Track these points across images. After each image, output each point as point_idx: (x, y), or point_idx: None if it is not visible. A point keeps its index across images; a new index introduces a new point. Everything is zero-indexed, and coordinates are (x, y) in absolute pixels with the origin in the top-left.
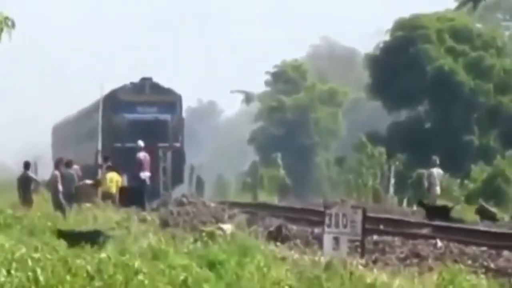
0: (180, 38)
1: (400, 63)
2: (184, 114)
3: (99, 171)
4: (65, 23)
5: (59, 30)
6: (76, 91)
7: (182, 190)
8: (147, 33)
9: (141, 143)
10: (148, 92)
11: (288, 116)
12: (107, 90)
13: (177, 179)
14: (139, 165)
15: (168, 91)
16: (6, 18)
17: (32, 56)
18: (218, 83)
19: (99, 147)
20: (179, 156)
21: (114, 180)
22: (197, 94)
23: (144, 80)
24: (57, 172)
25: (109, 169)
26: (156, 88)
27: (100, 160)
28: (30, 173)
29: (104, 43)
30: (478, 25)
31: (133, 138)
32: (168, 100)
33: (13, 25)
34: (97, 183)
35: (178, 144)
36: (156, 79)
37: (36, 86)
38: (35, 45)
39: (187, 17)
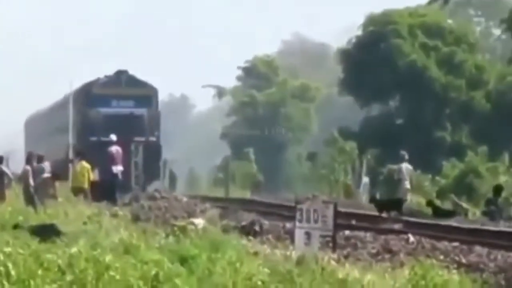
0: (151, 30)
1: (372, 59)
2: None
3: (70, 166)
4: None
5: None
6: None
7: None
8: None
9: (113, 137)
10: (124, 85)
11: (260, 111)
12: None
13: (153, 174)
14: (111, 159)
15: (144, 84)
16: None
17: (17, 54)
18: (189, 77)
19: (70, 141)
20: (155, 151)
21: (85, 174)
22: (169, 88)
23: (119, 72)
24: (28, 167)
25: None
26: (132, 81)
27: (71, 155)
28: (4, 168)
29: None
30: (450, 21)
31: (108, 132)
32: (144, 94)
33: None
34: (55, 176)
35: (154, 139)
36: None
37: (22, 83)
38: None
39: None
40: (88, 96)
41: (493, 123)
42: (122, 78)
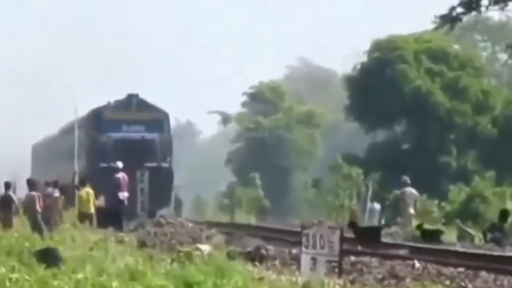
0: (156, 55)
1: (377, 84)
2: None
3: (76, 192)
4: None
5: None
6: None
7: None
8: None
9: (119, 164)
10: (135, 109)
11: (266, 137)
12: (84, 107)
13: (164, 201)
14: (117, 186)
15: (156, 109)
16: None
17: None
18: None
19: (76, 167)
20: (167, 177)
21: (90, 199)
22: (174, 113)
23: (130, 97)
24: (35, 193)
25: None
26: (143, 105)
27: (77, 181)
28: (11, 194)
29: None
30: (456, 46)
31: (119, 158)
32: (156, 118)
33: None
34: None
35: (166, 165)
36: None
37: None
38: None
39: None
40: (98, 120)
41: (499, 148)
42: (132, 102)
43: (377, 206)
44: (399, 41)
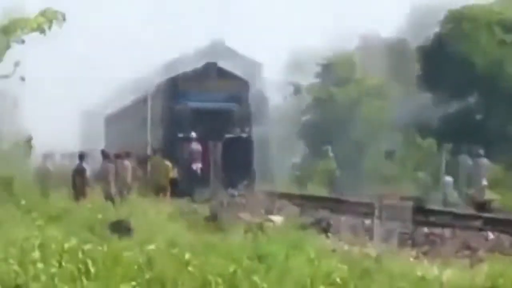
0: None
1: (450, 55)
2: None
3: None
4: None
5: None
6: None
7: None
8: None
9: (193, 134)
10: (213, 78)
11: (338, 108)
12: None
13: (246, 173)
14: (192, 156)
15: (235, 77)
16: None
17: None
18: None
19: (148, 138)
20: (247, 148)
21: (165, 171)
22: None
23: (208, 65)
24: (108, 164)
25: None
26: (222, 73)
27: (149, 152)
28: (85, 165)
29: None
30: None
31: (196, 128)
32: (235, 87)
33: (64, 18)
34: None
35: (245, 135)
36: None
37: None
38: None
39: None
40: (175, 89)
41: None
42: (211, 70)
43: (449, 179)
44: (473, 12)
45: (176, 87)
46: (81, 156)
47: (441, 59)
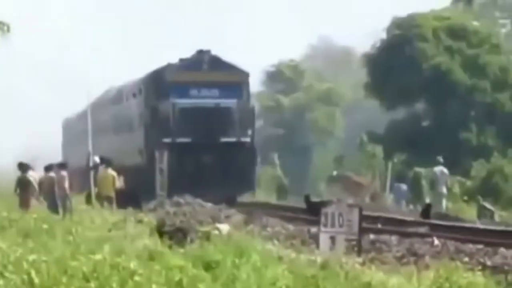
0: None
1: (397, 62)
2: None
3: (91, 174)
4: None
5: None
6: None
7: None
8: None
9: (96, 159)
10: (206, 69)
11: (286, 116)
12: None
13: (247, 184)
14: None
15: (233, 68)
16: (1, 23)
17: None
18: None
19: (90, 148)
20: (249, 156)
21: (112, 181)
22: None
23: (200, 53)
24: (51, 174)
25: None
26: (217, 63)
27: (92, 162)
28: (29, 175)
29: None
30: (475, 23)
31: (186, 130)
32: (233, 80)
33: (8, 29)
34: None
35: (247, 139)
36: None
37: (40, 87)
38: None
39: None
40: (160, 84)
41: None
42: (204, 60)
43: (404, 187)
44: (419, 19)
45: (160, 82)
46: (21, 167)
47: (388, 66)
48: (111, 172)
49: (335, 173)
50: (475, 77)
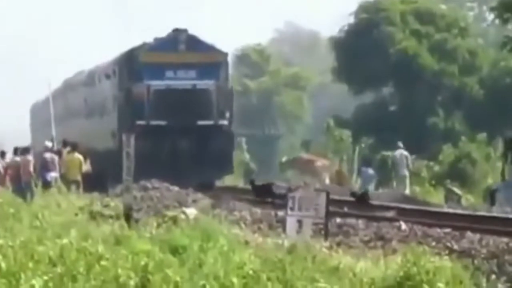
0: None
1: (364, 46)
2: None
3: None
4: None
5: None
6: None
7: None
8: None
9: (48, 144)
10: (183, 49)
11: (253, 100)
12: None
13: (225, 167)
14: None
15: (210, 48)
16: None
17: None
18: None
19: (53, 132)
20: (226, 139)
21: (78, 165)
22: None
23: (177, 32)
24: (17, 159)
25: (71, 152)
26: (194, 43)
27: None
28: None
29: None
30: (443, 6)
31: (162, 113)
32: (211, 60)
33: None
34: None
35: (225, 122)
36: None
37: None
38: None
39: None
40: (133, 65)
41: (486, 109)
42: (180, 40)
43: (371, 171)
44: (386, 2)
45: (134, 63)
46: None
47: (355, 50)
48: (78, 155)
49: (284, 159)
50: (443, 61)
